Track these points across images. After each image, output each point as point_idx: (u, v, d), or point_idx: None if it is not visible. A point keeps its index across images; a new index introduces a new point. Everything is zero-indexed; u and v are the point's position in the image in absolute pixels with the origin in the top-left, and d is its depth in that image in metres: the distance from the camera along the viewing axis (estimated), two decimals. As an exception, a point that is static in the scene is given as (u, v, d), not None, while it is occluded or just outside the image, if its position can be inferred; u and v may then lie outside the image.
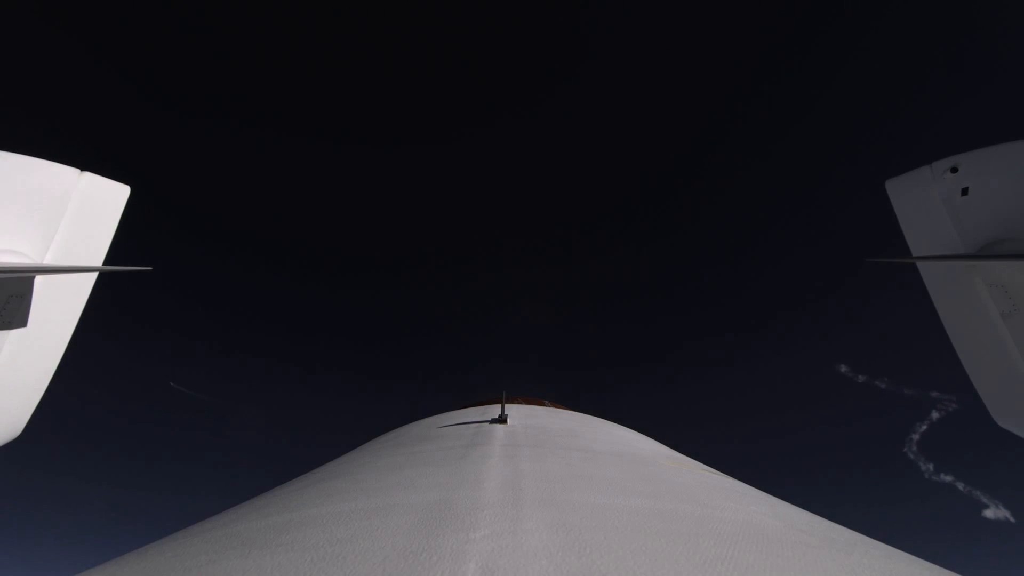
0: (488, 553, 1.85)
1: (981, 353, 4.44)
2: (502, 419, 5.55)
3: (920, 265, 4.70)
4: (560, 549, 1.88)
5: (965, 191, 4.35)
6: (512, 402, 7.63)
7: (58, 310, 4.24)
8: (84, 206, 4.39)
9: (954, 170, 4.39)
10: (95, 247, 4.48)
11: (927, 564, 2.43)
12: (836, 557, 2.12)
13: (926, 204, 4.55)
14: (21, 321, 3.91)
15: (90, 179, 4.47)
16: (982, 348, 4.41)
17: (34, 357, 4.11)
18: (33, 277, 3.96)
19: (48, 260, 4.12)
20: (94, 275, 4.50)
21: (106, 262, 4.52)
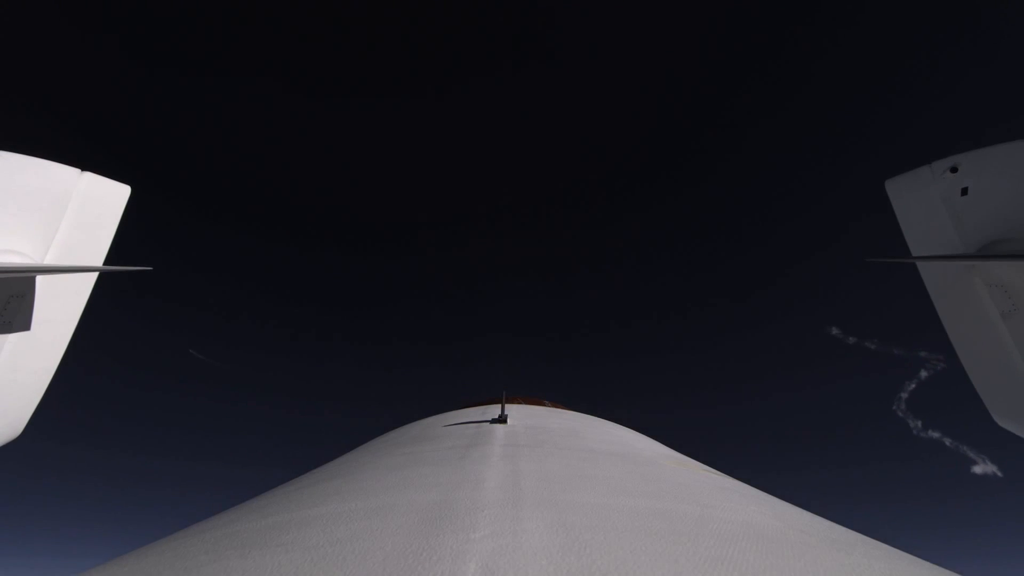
0: (488, 553, 1.85)
1: (981, 352, 4.44)
2: (502, 419, 5.55)
3: (920, 265, 4.70)
4: (560, 549, 1.88)
5: (965, 191, 4.35)
6: (512, 402, 7.63)
7: (58, 310, 4.25)
8: (85, 206, 4.40)
9: (954, 170, 4.39)
10: (95, 247, 4.49)
11: (927, 564, 2.43)
12: (836, 557, 2.12)
13: (926, 204, 4.55)
14: (24, 324, 3.91)
15: (91, 179, 4.47)
16: (982, 347, 4.41)
17: (35, 357, 4.11)
18: (34, 277, 3.96)
19: (49, 260, 4.12)
20: (94, 275, 4.50)
21: (106, 262, 4.52)
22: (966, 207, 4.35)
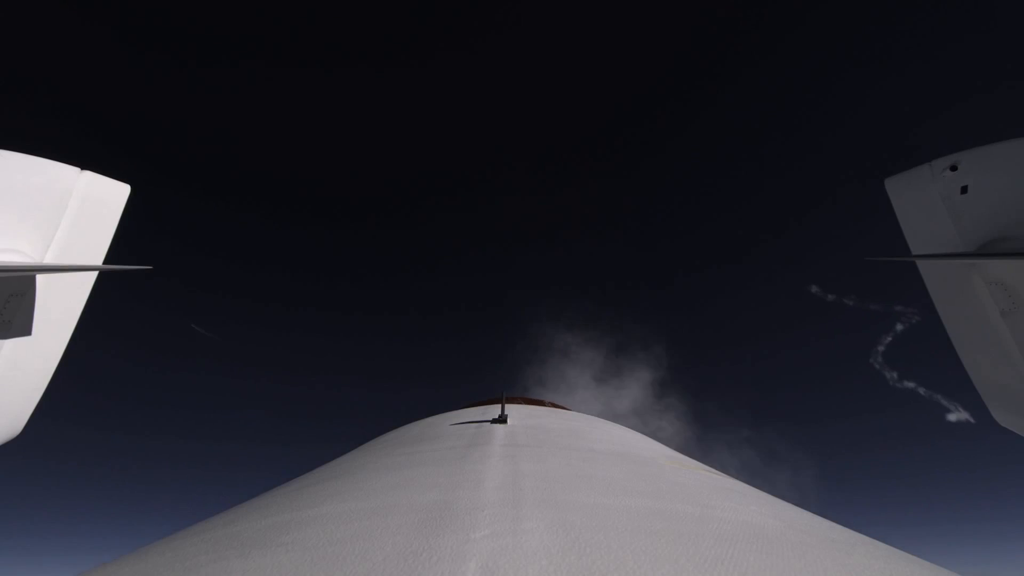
0: (488, 553, 1.85)
1: (980, 351, 4.44)
2: (502, 419, 5.55)
3: (920, 263, 4.70)
4: (560, 549, 1.88)
5: (964, 189, 4.34)
6: (512, 402, 7.63)
7: (58, 309, 4.24)
8: (84, 205, 4.39)
9: (953, 168, 4.38)
10: (95, 246, 4.48)
11: (927, 564, 2.44)
12: (836, 557, 2.12)
13: (926, 202, 4.54)
14: (24, 323, 3.90)
15: (90, 178, 4.46)
16: (981, 346, 4.41)
17: (34, 356, 4.10)
18: (34, 276, 3.96)
19: (48, 259, 4.11)
20: (94, 274, 4.49)
21: (106, 261, 4.51)
22: (966, 205, 4.35)
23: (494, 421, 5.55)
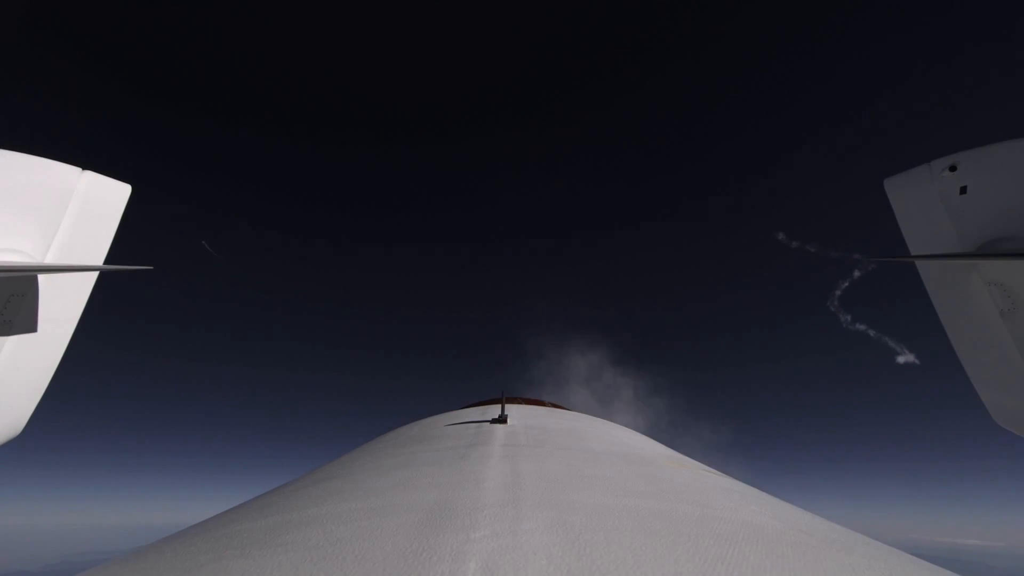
0: (488, 553, 1.85)
1: (980, 352, 4.44)
2: (502, 419, 5.55)
3: (919, 263, 4.70)
4: (560, 549, 1.88)
5: (964, 190, 4.34)
6: (512, 402, 7.64)
7: (59, 309, 4.24)
8: (85, 205, 4.39)
9: (953, 168, 4.38)
10: (96, 246, 4.48)
11: (927, 564, 2.44)
12: (836, 557, 2.12)
13: (925, 203, 4.54)
14: (26, 322, 3.91)
15: (91, 178, 4.47)
16: (981, 347, 4.41)
17: (35, 356, 4.11)
18: (36, 276, 3.96)
19: (49, 259, 4.12)
20: (95, 274, 4.50)
21: (107, 261, 4.52)
22: (965, 206, 4.35)
23: (494, 421, 5.55)
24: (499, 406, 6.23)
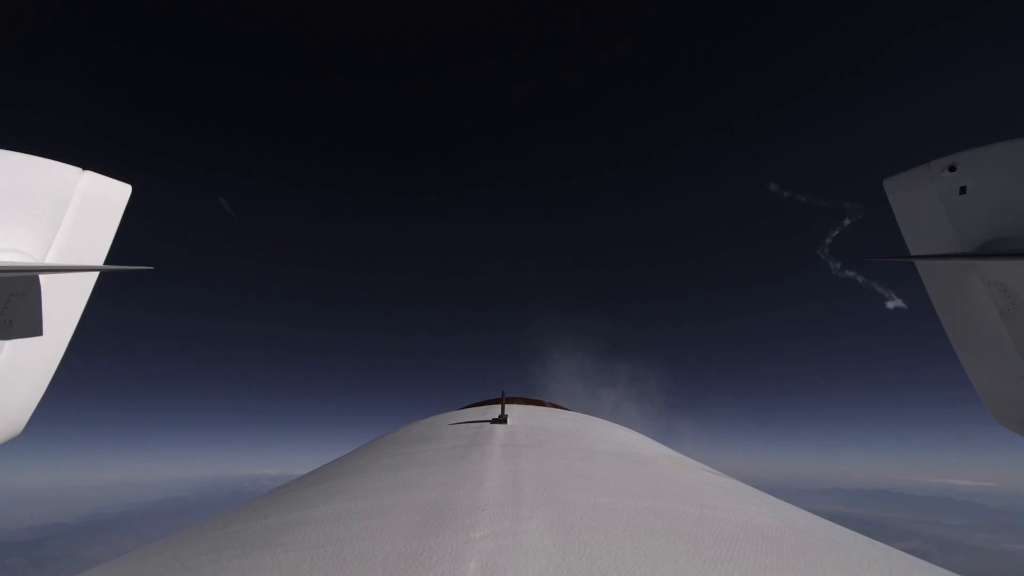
0: (488, 553, 1.85)
1: (980, 352, 4.44)
2: (502, 419, 5.56)
3: (918, 264, 4.71)
4: (560, 549, 1.88)
5: (963, 190, 4.35)
6: (512, 402, 7.65)
7: (59, 309, 4.25)
8: (86, 205, 4.40)
9: (952, 169, 4.39)
10: (96, 246, 4.49)
11: (927, 564, 2.44)
12: (836, 557, 2.12)
13: (924, 203, 4.55)
14: (27, 322, 3.91)
15: (92, 178, 4.47)
16: (981, 347, 4.42)
17: (35, 356, 4.11)
18: (36, 276, 3.97)
19: (49, 259, 4.12)
20: (95, 274, 4.50)
21: (107, 261, 4.52)
22: (964, 206, 4.36)
23: (494, 421, 5.55)
24: (499, 406, 6.24)
